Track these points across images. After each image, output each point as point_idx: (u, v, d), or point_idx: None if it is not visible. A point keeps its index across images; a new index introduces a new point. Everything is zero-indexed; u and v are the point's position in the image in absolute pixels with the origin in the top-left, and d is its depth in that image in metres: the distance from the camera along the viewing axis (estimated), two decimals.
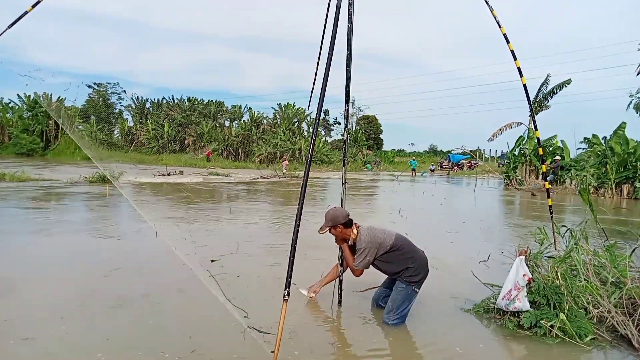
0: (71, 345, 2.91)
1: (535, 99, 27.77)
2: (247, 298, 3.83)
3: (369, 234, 3.36)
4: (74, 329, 3.15)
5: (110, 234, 6.59)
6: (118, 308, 3.57)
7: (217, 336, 3.09)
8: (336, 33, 2.76)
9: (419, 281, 3.39)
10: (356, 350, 3.02)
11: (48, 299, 3.71)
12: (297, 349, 2.93)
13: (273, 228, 7.91)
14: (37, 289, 3.99)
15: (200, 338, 3.03)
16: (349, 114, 3.51)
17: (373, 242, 3.32)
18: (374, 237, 3.34)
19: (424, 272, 3.42)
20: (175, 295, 3.92)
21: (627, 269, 3.64)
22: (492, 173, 28.57)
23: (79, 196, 11.35)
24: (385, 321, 3.38)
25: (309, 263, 5.05)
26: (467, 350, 3.04)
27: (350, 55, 3.35)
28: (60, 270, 4.67)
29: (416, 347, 3.11)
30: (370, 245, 3.31)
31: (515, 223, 9.51)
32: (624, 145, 17.15)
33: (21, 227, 6.92)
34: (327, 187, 17.82)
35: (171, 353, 2.79)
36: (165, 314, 3.49)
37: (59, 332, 3.07)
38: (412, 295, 3.39)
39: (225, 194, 14.36)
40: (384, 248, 3.33)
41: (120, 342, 2.94)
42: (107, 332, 3.09)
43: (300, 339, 3.08)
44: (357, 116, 51.39)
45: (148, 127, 43.31)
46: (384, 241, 3.34)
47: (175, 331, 3.14)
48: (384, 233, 3.40)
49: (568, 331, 3.07)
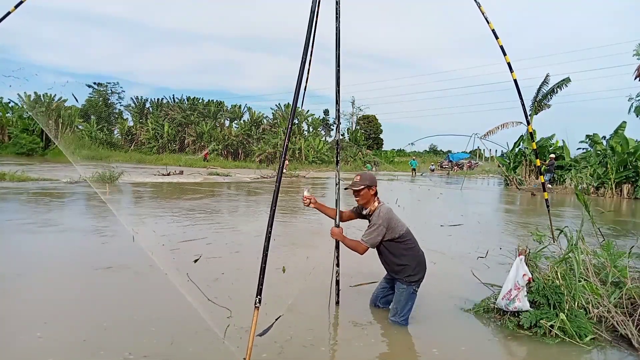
0: (46, 348, 2.84)
1: (535, 98, 27.72)
2: (231, 296, 3.79)
3: (388, 212, 3.34)
4: (51, 331, 3.07)
5: (108, 233, 6.58)
6: (101, 307, 3.56)
7: (197, 340, 3.08)
8: (312, 31, 2.82)
9: (417, 281, 3.39)
10: (355, 351, 3.00)
11: (29, 301, 3.69)
12: (296, 348, 2.92)
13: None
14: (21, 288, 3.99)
15: (181, 339, 3.00)
16: (339, 113, 3.51)
17: (387, 221, 3.30)
18: (391, 218, 3.32)
19: (423, 272, 3.42)
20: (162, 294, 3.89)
21: (627, 269, 3.63)
22: (492, 173, 28.57)
23: (78, 196, 11.34)
24: (394, 322, 3.39)
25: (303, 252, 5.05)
26: (467, 350, 3.03)
27: (339, 55, 3.37)
28: (48, 269, 4.67)
29: (416, 347, 3.10)
30: (384, 224, 3.29)
31: (515, 223, 9.50)
32: (624, 145, 17.15)
33: (19, 227, 6.91)
34: (328, 187, 17.81)
35: (149, 353, 2.77)
36: (147, 314, 3.47)
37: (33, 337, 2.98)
38: (413, 295, 3.39)
39: (225, 193, 14.36)
40: (394, 233, 3.31)
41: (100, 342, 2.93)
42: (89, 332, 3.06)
43: (297, 339, 3.07)
44: (356, 116, 51.38)
45: (148, 127, 43.32)
46: (396, 227, 3.32)
47: (156, 332, 3.11)
48: (399, 221, 3.39)
49: (568, 331, 3.07)
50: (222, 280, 4.34)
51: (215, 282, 4.26)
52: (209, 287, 3.92)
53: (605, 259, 3.76)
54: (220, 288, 4.06)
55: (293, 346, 2.97)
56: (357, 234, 3.71)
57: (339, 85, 3.43)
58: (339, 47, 3.36)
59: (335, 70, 3.41)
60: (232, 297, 3.77)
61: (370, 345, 3.08)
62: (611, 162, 16.81)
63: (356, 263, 4.58)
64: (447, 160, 45.08)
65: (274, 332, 2.83)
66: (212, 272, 4.58)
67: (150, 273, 4.51)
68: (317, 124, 45.38)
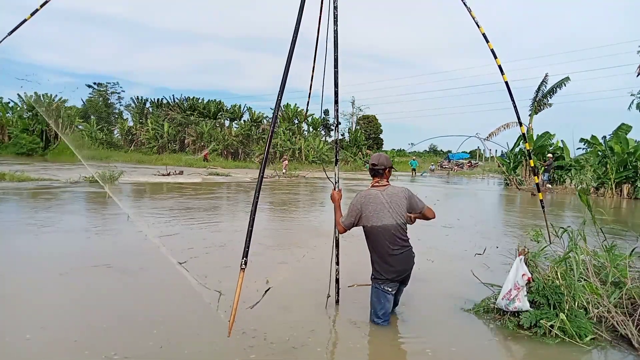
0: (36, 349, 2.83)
1: (535, 98, 27.74)
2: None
3: (366, 196, 3.21)
4: (44, 332, 3.07)
5: (106, 232, 6.58)
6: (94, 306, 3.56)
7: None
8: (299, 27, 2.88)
9: (382, 280, 3.21)
10: (354, 350, 3.00)
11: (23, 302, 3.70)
12: (295, 348, 2.92)
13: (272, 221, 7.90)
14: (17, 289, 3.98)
15: (174, 340, 3.01)
16: (338, 113, 3.56)
17: (362, 205, 3.18)
18: (367, 202, 3.18)
19: (390, 274, 3.19)
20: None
21: (627, 269, 3.63)
22: (492, 173, 28.56)
23: (78, 196, 11.34)
24: (371, 321, 3.33)
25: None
26: (467, 350, 3.03)
27: (337, 57, 3.43)
28: (43, 268, 4.66)
29: (415, 347, 3.10)
30: (358, 206, 3.19)
31: (515, 223, 9.50)
32: (624, 145, 17.14)
33: (17, 226, 6.91)
34: (327, 187, 17.82)
35: (131, 355, 2.78)
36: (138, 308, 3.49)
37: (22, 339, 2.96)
38: (380, 295, 3.24)
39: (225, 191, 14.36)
40: (366, 221, 3.18)
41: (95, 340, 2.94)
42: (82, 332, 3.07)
43: (296, 339, 3.06)
44: (356, 116, 51.33)
45: (148, 127, 43.30)
46: (368, 216, 3.16)
47: (146, 332, 3.12)
48: (382, 212, 3.15)
49: (568, 331, 3.07)
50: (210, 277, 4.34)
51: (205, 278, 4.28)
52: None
53: (605, 259, 3.76)
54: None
55: (291, 346, 2.97)
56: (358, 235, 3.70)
57: (337, 86, 3.48)
58: (336, 50, 3.43)
59: (333, 72, 3.49)
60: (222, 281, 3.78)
61: (369, 345, 3.08)
62: (611, 162, 16.81)
63: (356, 263, 4.59)
64: (447, 160, 45.07)
65: (274, 332, 2.84)
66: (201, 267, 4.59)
67: (140, 273, 4.55)
68: (317, 124, 45.37)
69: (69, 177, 15.21)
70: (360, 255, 3.50)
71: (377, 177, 3.30)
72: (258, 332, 3.11)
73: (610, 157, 17.06)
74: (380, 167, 3.27)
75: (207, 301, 3.06)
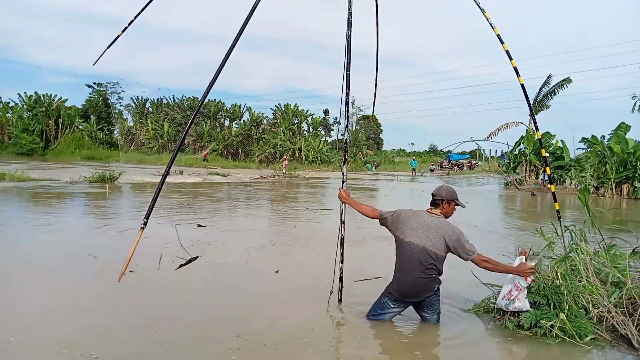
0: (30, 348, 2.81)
1: (536, 99, 27.75)
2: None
3: (406, 212, 3.34)
4: (40, 332, 3.06)
5: (105, 232, 6.58)
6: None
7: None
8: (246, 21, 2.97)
9: (387, 293, 3.32)
10: (353, 350, 2.99)
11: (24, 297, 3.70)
12: (294, 348, 2.92)
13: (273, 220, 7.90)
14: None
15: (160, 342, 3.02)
16: (349, 114, 3.56)
17: (399, 214, 3.32)
18: (403, 216, 3.30)
19: (398, 288, 3.27)
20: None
21: (627, 269, 3.63)
22: (492, 173, 28.59)
23: (78, 195, 11.35)
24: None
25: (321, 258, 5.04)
26: (467, 350, 3.03)
27: (349, 60, 3.52)
28: (45, 267, 4.67)
29: (415, 347, 3.10)
30: (397, 214, 3.33)
31: (515, 223, 9.50)
32: (624, 145, 17.15)
33: (16, 226, 6.91)
34: (328, 187, 17.85)
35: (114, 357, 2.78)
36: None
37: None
38: (380, 303, 3.34)
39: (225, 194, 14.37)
40: (395, 230, 3.29)
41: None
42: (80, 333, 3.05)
43: (298, 338, 3.06)
44: (357, 116, 51.33)
45: (148, 127, 43.30)
46: (404, 228, 3.24)
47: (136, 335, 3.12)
48: (418, 230, 3.20)
49: (568, 331, 3.06)
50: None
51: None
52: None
53: (605, 260, 3.76)
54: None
55: (291, 344, 2.96)
56: (360, 233, 3.70)
57: (348, 88, 3.66)
58: (349, 54, 3.57)
59: (345, 75, 3.67)
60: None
61: (368, 345, 3.08)
62: (611, 162, 16.82)
63: (357, 263, 4.59)
64: (447, 160, 45.08)
65: (272, 332, 2.83)
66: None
67: (136, 272, 4.53)
68: (317, 124, 45.35)
69: (69, 177, 15.22)
70: (362, 255, 3.50)
71: (434, 206, 3.36)
72: (258, 330, 3.12)
73: (609, 157, 17.06)
74: (438, 198, 3.33)
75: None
